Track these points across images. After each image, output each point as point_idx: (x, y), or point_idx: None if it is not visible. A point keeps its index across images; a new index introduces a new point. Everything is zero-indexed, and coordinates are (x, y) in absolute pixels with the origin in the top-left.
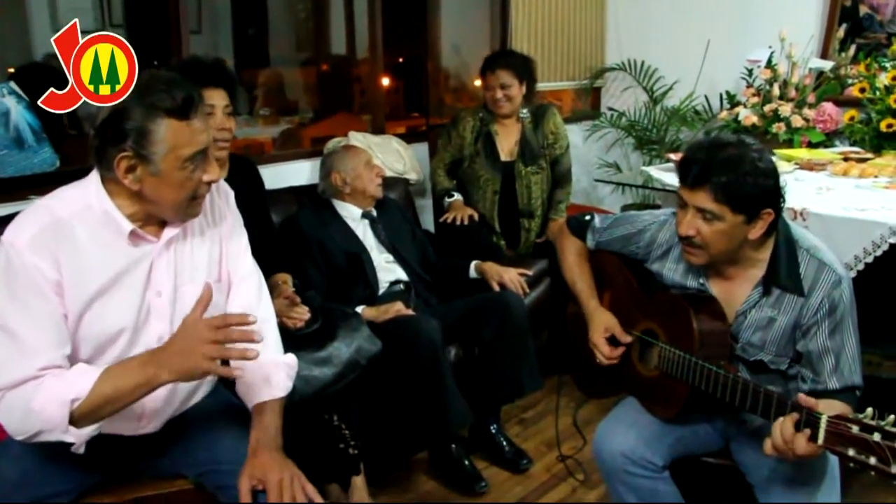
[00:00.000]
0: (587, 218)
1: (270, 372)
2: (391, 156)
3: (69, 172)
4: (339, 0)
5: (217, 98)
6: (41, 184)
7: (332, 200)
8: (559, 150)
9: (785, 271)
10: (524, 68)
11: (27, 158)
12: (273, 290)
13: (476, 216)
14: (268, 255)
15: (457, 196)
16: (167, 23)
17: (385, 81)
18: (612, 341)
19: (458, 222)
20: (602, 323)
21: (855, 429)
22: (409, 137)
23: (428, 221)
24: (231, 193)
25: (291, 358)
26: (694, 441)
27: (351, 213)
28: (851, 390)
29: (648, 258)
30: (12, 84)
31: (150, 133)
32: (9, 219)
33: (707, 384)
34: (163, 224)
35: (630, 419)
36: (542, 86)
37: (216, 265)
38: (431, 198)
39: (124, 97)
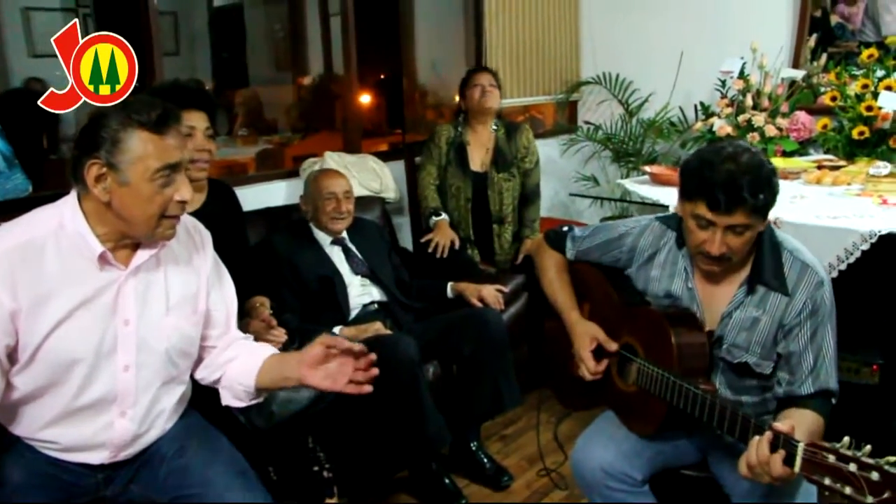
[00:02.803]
0: (565, 229)
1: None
2: (367, 174)
3: (42, 198)
4: (316, 19)
5: (197, 120)
6: (12, 210)
7: (309, 223)
8: (529, 164)
9: (770, 270)
10: (497, 79)
11: None
12: (250, 312)
13: (458, 242)
14: (245, 279)
15: (443, 216)
16: (141, 46)
17: (366, 99)
18: (597, 354)
19: (439, 254)
20: (587, 334)
21: (831, 458)
22: (386, 155)
23: (406, 239)
24: (209, 236)
25: None
26: (673, 454)
27: (322, 238)
28: (826, 395)
29: (631, 264)
30: None
31: (120, 142)
32: None
33: (685, 403)
34: (134, 249)
35: (609, 433)
36: (518, 101)
37: (192, 299)
38: (409, 216)
39: (106, 109)
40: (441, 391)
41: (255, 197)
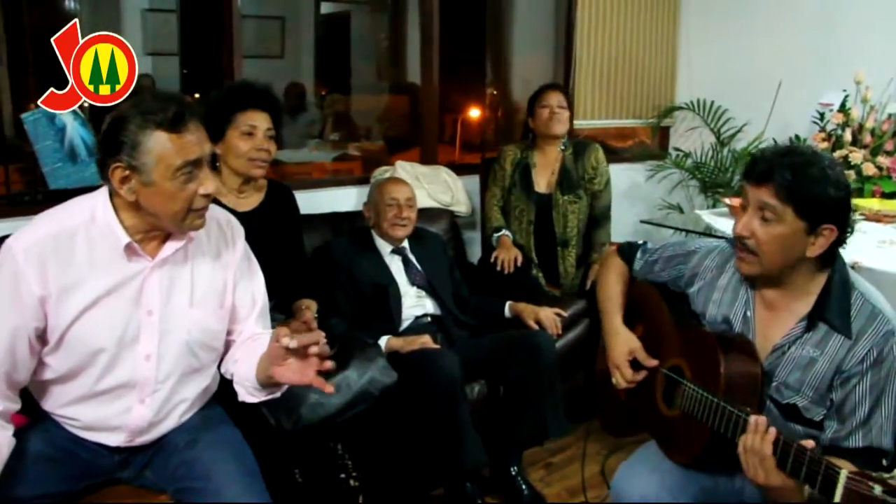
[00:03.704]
0: (640, 242)
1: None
2: (439, 186)
3: None
4: (417, 28)
5: (259, 120)
6: None
7: (371, 231)
8: (598, 185)
9: (835, 308)
10: (569, 100)
11: (79, 172)
12: (295, 313)
13: (521, 259)
14: (297, 281)
15: (504, 232)
16: (220, 47)
17: (475, 112)
18: (635, 366)
19: (506, 270)
20: (626, 343)
21: (878, 489)
22: (462, 169)
23: (475, 255)
24: (241, 230)
25: None
26: (714, 495)
27: (383, 246)
28: (876, 454)
29: (693, 283)
30: None
31: (140, 144)
32: None
33: (728, 429)
34: (163, 241)
35: (653, 464)
36: (606, 122)
37: (219, 294)
38: (480, 231)
39: (124, 110)
40: (485, 412)
41: (327, 201)
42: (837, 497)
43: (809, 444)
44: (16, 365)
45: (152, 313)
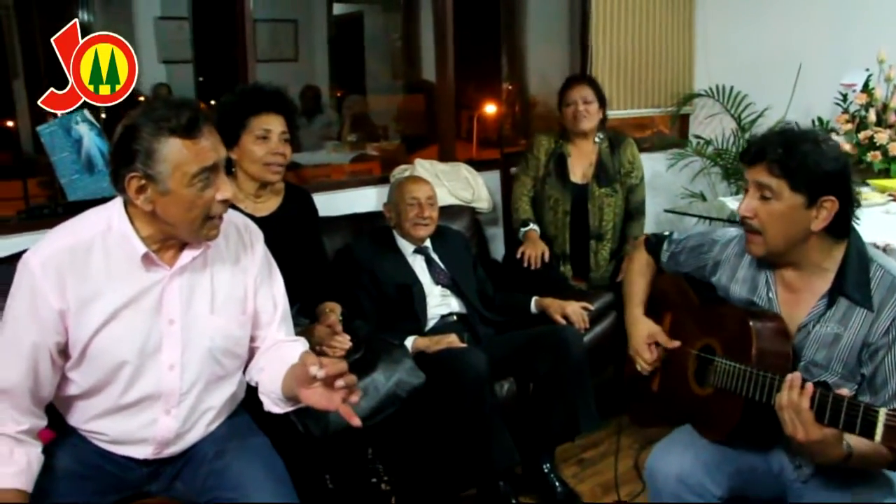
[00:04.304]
0: (667, 233)
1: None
2: (459, 183)
3: None
4: (430, 29)
5: (274, 123)
6: None
7: (393, 231)
8: (635, 179)
9: (853, 282)
10: (601, 93)
11: (96, 182)
12: (319, 317)
13: (548, 255)
14: (318, 284)
15: (532, 226)
16: (234, 53)
17: (491, 108)
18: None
19: (533, 266)
20: (645, 330)
21: None
22: (482, 165)
23: (498, 251)
24: (260, 234)
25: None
26: (751, 478)
27: (405, 246)
28: None
29: (715, 272)
30: (86, 112)
31: (155, 152)
32: None
33: (763, 394)
34: (180, 249)
35: (687, 442)
36: (624, 113)
37: (240, 300)
38: (503, 227)
39: (135, 119)
40: (515, 409)
41: (346, 202)
42: (878, 436)
43: (844, 392)
44: (39, 381)
45: (174, 322)
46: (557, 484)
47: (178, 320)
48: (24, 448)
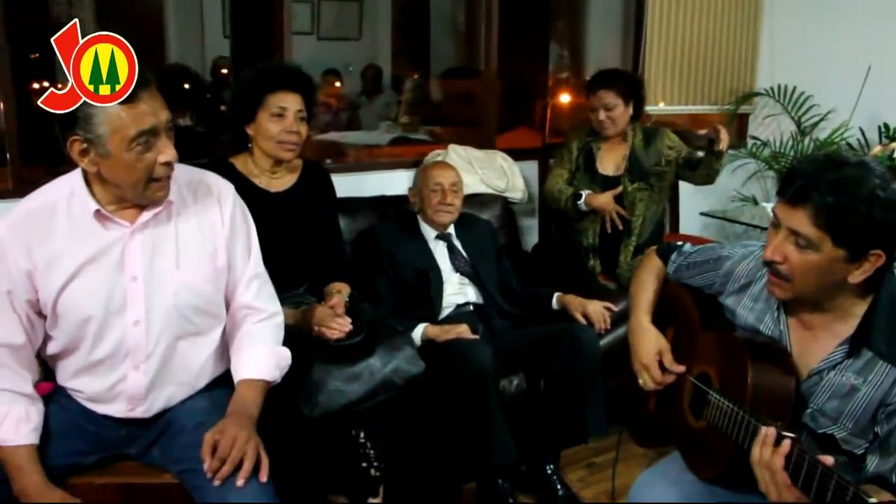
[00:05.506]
0: (679, 243)
1: (262, 355)
2: (493, 172)
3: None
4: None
5: (290, 102)
6: None
7: (417, 215)
8: (681, 151)
9: (882, 333)
10: (629, 88)
11: None
12: (326, 297)
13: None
14: (331, 263)
15: (587, 191)
16: (272, 27)
17: (566, 98)
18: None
19: (618, 225)
20: (654, 343)
21: None
22: (521, 154)
23: (531, 243)
24: (230, 190)
25: (285, 351)
26: None
27: (428, 231)
28: None
29: (724, 291)
30: None
31: (93, 116)
32: None
33: (747, 441)
34: (142, 208)
35: (674, 474)
36: (677, 109)
37: (210, 255)
38: (538, 217)
39: None
40: (523, 405)
41: (379, 184)
42: None
43: (828, 460)
44: (36, 335)
45: (136, 278)
46: (559, 486)
47: (142, 276)
48: (35, 406)
